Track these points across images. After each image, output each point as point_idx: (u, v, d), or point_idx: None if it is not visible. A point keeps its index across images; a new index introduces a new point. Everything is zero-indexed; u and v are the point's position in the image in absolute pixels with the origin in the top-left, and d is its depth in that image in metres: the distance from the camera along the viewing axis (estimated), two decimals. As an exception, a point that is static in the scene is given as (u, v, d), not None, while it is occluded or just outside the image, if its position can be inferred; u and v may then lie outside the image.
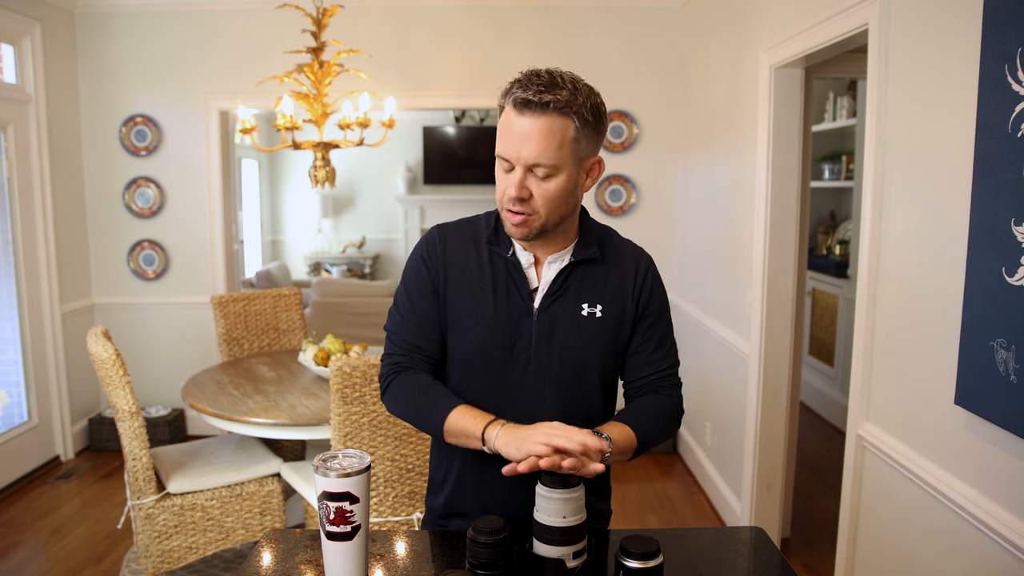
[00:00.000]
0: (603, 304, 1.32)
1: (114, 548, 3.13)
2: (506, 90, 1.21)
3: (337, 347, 3.00)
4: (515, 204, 1.22)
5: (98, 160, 4.32)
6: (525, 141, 1.18)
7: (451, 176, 8.40)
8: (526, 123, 1.18)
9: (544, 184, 1.21)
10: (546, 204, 1.22)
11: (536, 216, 1.23)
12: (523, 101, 1.17)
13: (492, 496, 1.35)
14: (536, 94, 1.16)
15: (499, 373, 1.32)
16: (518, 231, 1.25)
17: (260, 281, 6.42)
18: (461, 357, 1.34)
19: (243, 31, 4.21)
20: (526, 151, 1.18)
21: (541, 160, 1.19)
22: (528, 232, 1.25)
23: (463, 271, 1.34)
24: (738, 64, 3.27)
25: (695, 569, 1.24)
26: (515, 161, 1.20)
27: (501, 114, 1.24)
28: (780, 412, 3.05)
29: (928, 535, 1.82)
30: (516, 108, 1.19)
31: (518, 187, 1.20)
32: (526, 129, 1.18)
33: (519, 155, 1.19)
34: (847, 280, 4.66)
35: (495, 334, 1.31)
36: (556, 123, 1.18)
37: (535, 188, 1.21)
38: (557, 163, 1.20)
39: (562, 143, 1.19)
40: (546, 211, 1.23)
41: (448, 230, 1.38)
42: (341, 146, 3.12)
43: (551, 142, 1.18)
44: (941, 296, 1.75)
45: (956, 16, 1.69)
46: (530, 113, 1.17)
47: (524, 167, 1.20)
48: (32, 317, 3.93)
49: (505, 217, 1.26)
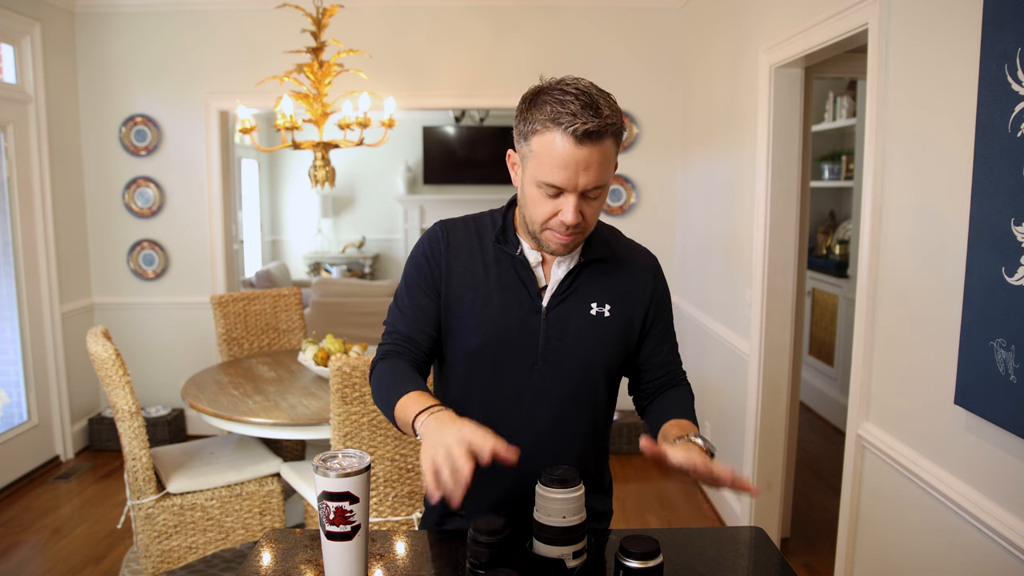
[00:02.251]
0: (612, 304, 1.33)
1: (114, 548, 3.13)
2: (549, 115, 1.14)
3: (337, 347, 3.00)
4: (571, 228, 1.21)
5: (98, 160, 4.32)
6: (585, 170, 1.16)
7: (451, 176, 8.40)
8: (586, 153, 1.14)
9: (594, 203, 1.22)
10: (593, 218, 1.24)
11: (587, 227, 1.24)
12: (585, 133, 1.12)
13: (491, 495, 1.34)
14: (594, 122, 1.13)
15: (504, 371, 1.31)
16: (567, 248, 1.26)
17: (260, 281, 6.42)
18: (465, 355, 1.33)
19: (243, 31, 4.21)
20: (585, 179, 1.16)
21: (600, 182, 1.19)
22: (577, 243, 1.27)
23: (466, 268, 1.33)
24: (738, 64, 3.27)
25: (695, 569, 1.24)
26: (572, 190, 1.17)
27: (532, 136, 1.17)
28: (780, 412, 3.05)
29: (928, 535, 1.82)
30: (575, 140, 1.13)
31: (576, 214, 1.19)
32: (585, 159, 1.15)
33: (577, 183, 1.16)
34: (847, 280, 4.66)
35: (501, 332, 1.30)
36: (609, 147, 1.17)
37: (586, 208, 1.21)
38: (607, 182, 1.22)
39: (612, 162, 1.20)
40: (592, 223, 1.25)
41: (452, 226, 1.37)
42: (341, 146, 3.12)
43: (608, 166, 1.19)
44: (941, 296, 1.75)
45: (956, 16, 1.69)
46: (589, 143, 1.14)
47: (579, 193, 1.18)
48: (32, 317, 3.93)
49: (549, 238, 1.24)
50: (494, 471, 1.33)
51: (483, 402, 1.33)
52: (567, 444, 1.34)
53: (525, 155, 1.21)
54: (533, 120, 1.17)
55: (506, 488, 1.33)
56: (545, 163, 1.16)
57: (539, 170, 1.18)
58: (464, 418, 1.11)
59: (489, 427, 1.32)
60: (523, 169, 1.24)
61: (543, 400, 1.31)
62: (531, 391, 1.31)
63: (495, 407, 1.32)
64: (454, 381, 1.36)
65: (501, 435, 1.31)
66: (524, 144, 1.21)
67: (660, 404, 1.38)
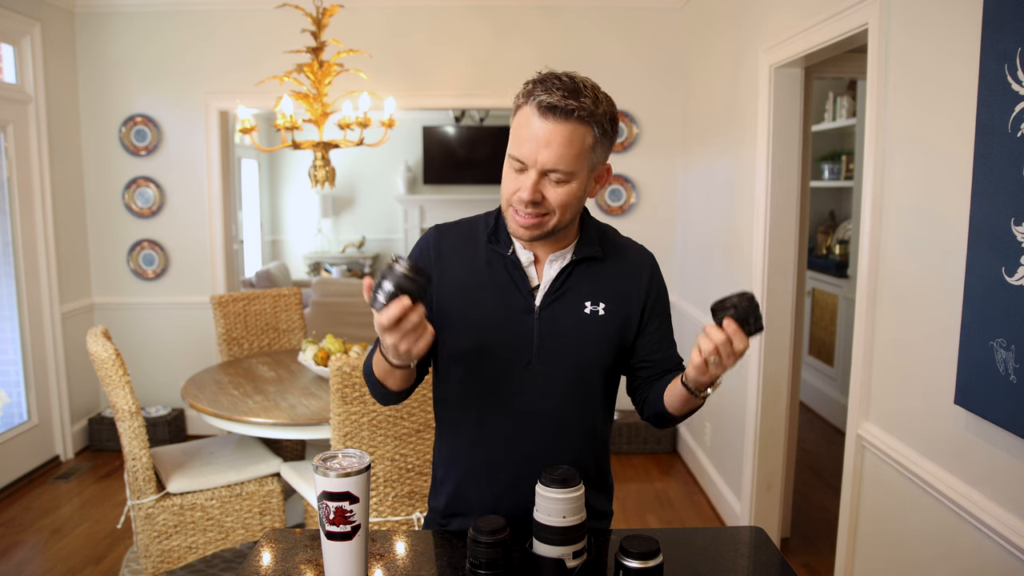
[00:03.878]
0: (606, 302, 1.32)
1: (114, 548, 3.13)
2: (527, 90, 1.19)
3: (337, 347, 3.00)
4: (527, 207, 1.21)
5: (98, 160, 4.32)
6: (545, 146, 1.16)
7: (451, 176, 8.40)
8: (548, 128, 1.16)
9: (557, 189, 1.20)
10: (559, 207, 1.22)
11: (550, 216, 1.22)
12: (548, 105, 1.15)
13: (492, 495, 1.35)
14: (562, 99, 1.14)
15: (499, 371, 1.31)
16: (527, 232, 1.24)
17: (260, 281, 6.42)
18: (460, 355, 1.33)
19: (243, 31, 4.21)
20: (544, 156, 1.17)
21: (559, 167, 1.18)
22: (539, 234, 1.24)
23: (459, 270, 1.33)
24: (738, 64, 3.27)
25: (695, 569, 1.24)
26: (531, 164, 1.18)
27: (516, 113, 1.22)
28: (780, 412, 3.05)
29: (928, 535, 1.82)
30: (539, 111, 1.16)
31: (531, 191, 1.19)
32: (547, 134, 1.16)
33: (536, 159, 1.17)
34: (847, 280, 4.66)
35: (495, 332, 1.30)
36: (577, 131, 1.17)
37: (548, 192, 1.20)
38: (573, 170, 1.19)
39: (580, 151, 1.18)
40: (559, 213, 1.22)
41: (445, 230, 1.38)
42: (341, 146, 3.11)
43: (570, 149, 1.17)
44: (941, 296, 1.75)
45: (956, 15, 1.69)
46: (553, 118, 1.15)
47: (539, 171, 1.18)
48: (32, 317, 3.93)
49: (510, 217, 1.25)
50: (493, 470, 1.34)
51: (480, 402, 1.33)
52: (564, 443, 1.34)
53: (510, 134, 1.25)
54: (517, 99, 1.22)
55: (504, 485, 1.33)
56: (515, 136, 1.20)
57: (511, 144, 1.21)
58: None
59: (486, 426, 1.34)
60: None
61: (539, 399, 1.31)
62: (526, 390, 1.31)
63: (491, 407, 1.33)
64: (451, 381, 1.37)
65: (498, 434, 1.33)
66: (512, 124, 1.25)
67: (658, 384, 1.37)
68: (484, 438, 1.34)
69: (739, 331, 1.11)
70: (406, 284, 1.04)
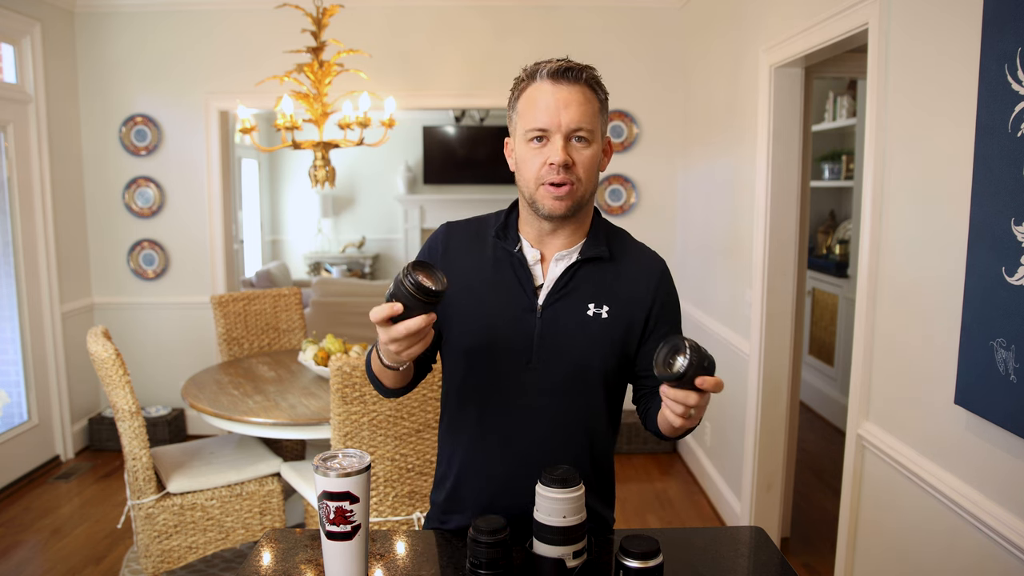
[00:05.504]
0: (610, 306, 1.30)
1: (114, 548, 3.13)
2: (529, 71, 1.25)
3: (337, 347, 3.00)
4: (561, 172, 1.21)
5: (98, 160, 4.32)
6: (565, 107, 1.21)
7: (451, 176, 8.40)
8: (564, 90, 1.21)
9: (584, 152, 1.23)
10: (585, 172, 1.24)
11: (578, 184, 1.24)
12: (560, 71, 1.22)
13: (489, 492, 1.35)
14: (568, 63, 1.22)
15: (500, 368, 1.31)
16: (561, 204, 1.24)
17: (260, 281, 6.42)
18: (463, 352, 1.34)
19: (243, 31, 4.21)
20: (566, 116, 1.21)
21: (583, 124, 1.22)
22: (572, 203, 1.24)
23: (465, 267, 1.34)
24: (738, 64, 3.27)
25: (695, 569, 1.24)
26: (556, 128, 1.21)
27: (520, 95, 1.26)
28: (780, 412, 3.05)
29: (928, 535, 1.82)
30: (552, 79, 1.22)
31: (563, 152, 1.21)
32: (565, 96, 1.21)
33: (560, 121, 1.21)
34: (847, 280, 4.66)
35: (496, 329, 1.30)
36: (588, 93, 1.23)
37: (576, 155, 1.23)
38: (593, 128, 1.24)
39: (596, 112, 1.24)
40: (586, 179, 1.24)
41: (454, 228, 1.40)
42: (341, 146, 3.11)
43: (589, 108, 1.23)
44: (941, 296, 1.75)
45: (956, 16, 1.69)
46: (566, 82, 1.22)
47: (564, 134, 1.21)
48: (32, 317, 3.93)
49: (542, 195, 1.24)
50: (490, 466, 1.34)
51: (480, 399, 1.34)
52: (561, 445, 1.32)
53: (515, 123, 1.28)
54: (516, 88, 1.28)
55: (501, 483, 1.33)
56: (529, 114, 1.24)
57: (525, 123, 1.25)
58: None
59: (485, 423, 1.34)
60: (515, 139, 1.30)
61: (538, 398, 1.30)
62: (526, 389, 1.31)
63: (492, 404, 1.33)
64: (455, 378, 1.37)
65: (496, 431, 1.33)
66: (513, 115, 1.29)
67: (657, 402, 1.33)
68: (483, 434, 1.34)
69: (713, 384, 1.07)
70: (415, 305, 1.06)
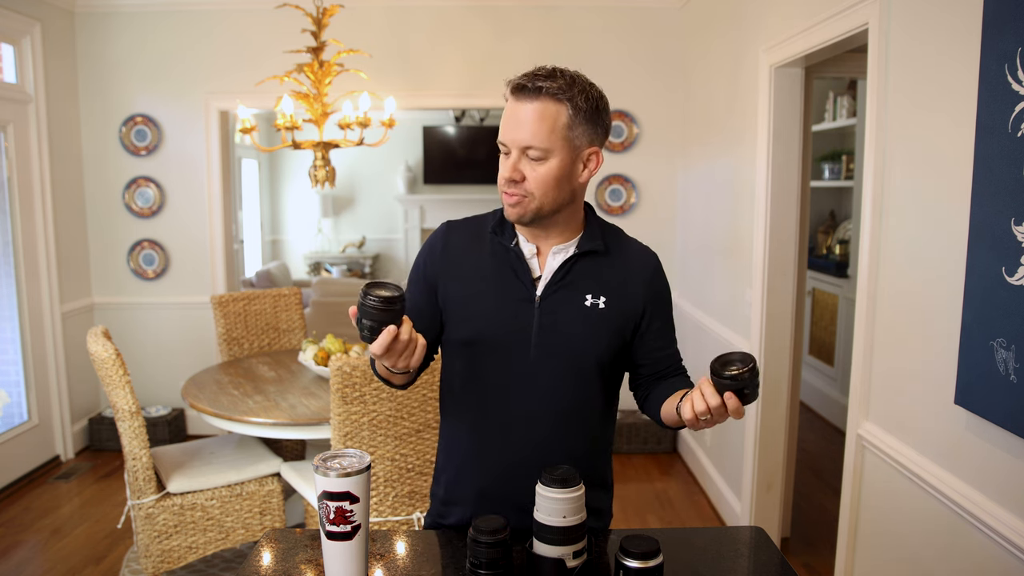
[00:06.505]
0: (607, 296, 1.33)
1: (114, 548, 3.13)
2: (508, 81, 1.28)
3: (337, 347, 3.00)
4: (508, 185, 1.26)
5: (98, 160, 4.32)
6: (517, 125, 1.24)
7: (451, 176, 8.40)
8: (519, 107, 1.24)
9: (537, 167, 1.25)
10: (539, 187, 1.26)
11: (530, 198, 1.26)
12: (518, 86, 1.24)
13: (486, 483, 1.36)
14: (531, 80, 1.23)
15: (499, 361, 1.33)
16: (513, 212, 1.29)
17: (260, 281, 6.42)
18: (462, 345, 1.36)
19: (243, 31, 4.21)
20: (517, 134, 1.24)
21: (533, 143, 1.23)
22: (523, 213, 1.28)
23: (463, 263, 1.37)
24: (738, 64, 3.27)
25: (695, 569, 1.24)
26: (511, 144, 1.25)
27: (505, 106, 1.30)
28: (780, 412, 3.05)
29: (928, 535, 1.82)
30: (513, 94, 1.25)
31: (511, 169, 1.25)
32: (519, 113, 1.24)
33: (513, 138, 1.24)
34: (847, 280, 4.66)
35: (496, 322, 1.32)
36: (548, 108, 1.23)
37: (528, 171, 1.25)
38: (548, 147, 1.23)
39: (553, 128, 1.23)
40: (540, 194, 1.26)
41: (454, 226, 1.43)
42: (341, 146, 3.11)
43: (542, 126, 1.22)
44: (941, 296, 1.75)
45: (956, 16, 1.69)
46: (524, 98, 1.23)
47: (519, 150, 1.25)
48: (32, 317, 3.92)
49: (503, 200, 1.30)
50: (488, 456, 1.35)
51: (480, 391, 1.35)
52: (560, 435, 1.35)
53: None
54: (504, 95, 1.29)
55: (498, 473, 1.35)
56: (501, 125, 1.28)
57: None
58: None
59: (486, 416, 1.35)
60: None
61: (538, 390, 1.33)
62: (526, 380, 1.33)
63: (492, 396, 1.35)
64: (455, 371, 1.39)
65: (497, 423, 1.35)
66: None
67: (659, 389, 1.39)
68: (483, 424, 1.36)
69: (738, 406, 1.09)
70: (383, 317, 1.09)
